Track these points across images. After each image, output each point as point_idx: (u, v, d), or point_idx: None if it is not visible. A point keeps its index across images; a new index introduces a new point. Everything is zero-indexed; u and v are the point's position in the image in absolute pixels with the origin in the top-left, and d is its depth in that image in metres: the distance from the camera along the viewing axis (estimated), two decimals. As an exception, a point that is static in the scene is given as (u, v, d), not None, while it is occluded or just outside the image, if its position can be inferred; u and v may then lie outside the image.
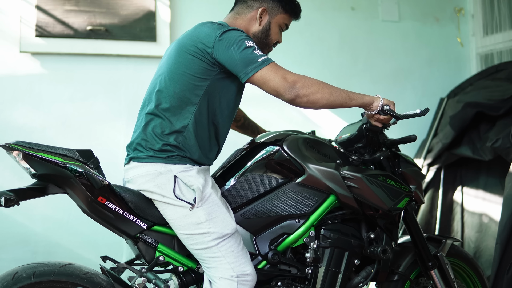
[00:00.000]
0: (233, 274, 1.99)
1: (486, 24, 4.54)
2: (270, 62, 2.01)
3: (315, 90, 2.01)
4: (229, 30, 2.04)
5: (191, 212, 1.99)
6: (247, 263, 2.03)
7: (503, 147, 3.38)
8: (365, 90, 4.25)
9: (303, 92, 2.00)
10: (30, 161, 1.88)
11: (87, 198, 1.92)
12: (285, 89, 1.99)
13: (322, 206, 2.19)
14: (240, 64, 1.99)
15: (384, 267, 2.29)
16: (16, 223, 3.54)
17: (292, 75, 2.00)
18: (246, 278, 2.00)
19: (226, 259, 2.00)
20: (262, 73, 1.99)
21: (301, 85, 2.00)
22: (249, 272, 2.01)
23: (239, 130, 2.73)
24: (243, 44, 2.00)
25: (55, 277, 1.88)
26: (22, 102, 3.65)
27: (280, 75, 1.99)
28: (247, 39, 2.02)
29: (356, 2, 4.37)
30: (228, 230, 2.02)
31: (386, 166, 2.33)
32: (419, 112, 2.15)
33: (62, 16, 3.68)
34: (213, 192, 2.06)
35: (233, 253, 2.01)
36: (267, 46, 2.27)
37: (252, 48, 2.00)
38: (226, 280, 1.98)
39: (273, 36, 2.26)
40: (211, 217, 2.01)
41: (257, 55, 1.99)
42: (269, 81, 1.99)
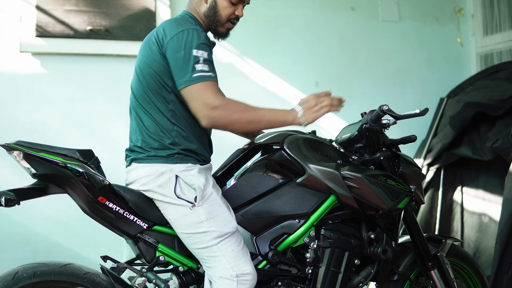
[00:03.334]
0: (233, 273, 1.99)
1: (486, 24, 4.54)
2: (203, 81, 1.96)
3: (233, 120, 1.97)
4: (186, 30, 2.01)
5: (192, 211, 1.99)
6: (247, 263, 2.03)
7: (503, 147, 3.39)
8: (365, 90, 4.31)
9: (222, 122, 1.97)
10: (31, 161, 1.88)
11: (88, 198, 1.92)
12: (202, 115, 1.96)
13: (323, 206, 2.20)
14: (178, 73, 1.98)
15: (384, 267, 2.29)
16: (16, 223, 3.54)
17: (216, 101, 1.94)
18: (246, 277, 2.00)
19: (226, 258, 2.00)
20: (190, 90, 1.96)
21: (219, 115, 1.95)
22: (249, 271, 2.01)
23: (240, 134, 2.72)
24: (191, 52, 1.97)
25: (55, 277, 1.88)
26: (22, 102, 3.65)
27: (204, 99, 1.94)
28: (199, 48, 1.98)
29: (356, 2, 4.37)
30: (228, 229, 2.02)
31: (386, 166, 2.33)
32: (419, 112, 2.15)
33: (62, 16, 3.68)
34: (214, 191, 2.06)
35: (233, 252, 2.01)
36: (220, 23, 2.17)
37: (197, 60, 1.96)
38: (226, 280, 1.98)
39: (222, 12, 2.14)
40: (212, 216, 2.01)
41: (195, 69, 1.95)
42: (193, 100, 1.97)
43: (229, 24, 2.20)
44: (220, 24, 2.18)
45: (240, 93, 3.95)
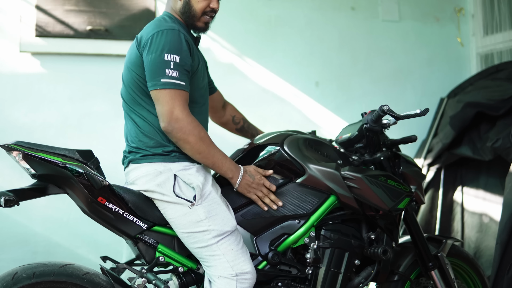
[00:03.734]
0: (232, 272, 1.99)
1: (486, 24, 4.54)
2: (171, 88, 1.97)
3: (187, 141, 1.98)
4: (161, 31, 2.03)
5: (191, 210, 1.99)
6: (247, 262, 2.03)
7: (503, 147, 3.38)
8: (365, 90, 4.31)
9: (177, 135, 1.98)
10: (30, 161, 1.88)
11: (87, 199, 1.92)
12: (164, 120, 1.97)
13: (323, 206, 2.19)
14: (149, 75, 2.01)
15: (384, 267, 2.29)
16: (16, 223, 3.54)
17: (181, 115, 1.96)
18: (245, 276, 2.01)
19: (226, 257, 2.00)
20: (158, 94, 1.99)
21: (179, 127, 1.96)
22: (248, 270, 2.02)
23: (238, 133, 2.73)
24: (162, 55, 1.98)
25: (55, 277, 1.88)
26: (22, 102, 3.65)
27: (169, 107, 1.96)
28: (171, 52, 1.99)
29: (356, 2, 4.37)
30: (227, 228, 2.02)
31: (386, 166, 2.33)
32: (419, 112, 2.15)
33: (62, 16, 3.68)
34: (213, 190, 2.07)
35: (232, 251, 2.01)
36: (196, 17, 2.18)
37: (167, 65, 1.97)
38: (225, 279, 1.99)
39: (196, 5, 2.15)
40: (211, 214, 2.01)
41: (164, 74, 1.97)
42: (159, 104, 1.99)
43: (205, 18, 2.21)
44: (196, 19, 2.19)
45: (240, 93, 3.97)
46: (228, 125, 2.69)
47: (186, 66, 2.02)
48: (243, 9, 4.09)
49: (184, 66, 2.01)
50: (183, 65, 2.01)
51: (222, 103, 2.65)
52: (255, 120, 2.78)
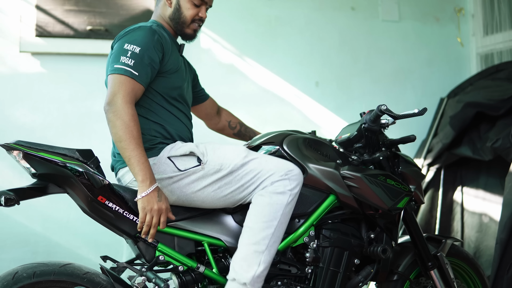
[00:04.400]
0: (282, 173, 2.07)
1: (486, 24, 4.54)
2: (120, 74, 2.00)
3: (114, 124, 1.96)
4: (136, 28, 2.11)
5: (206, 170, 2.05)
6: (287, 162, 2.13)
7: (503, 147, 3.38)
8: (365, 90, 4.31)
9: (108, 116, 1.98)
10: (30, 160, 1.89)
11: (87, 198, 1.92)
12: (105, 101, 2.00)
13: (322, 205, 2.20)
14: (111, 61, 2.07)
15: (384, 266, 2.29)
16: (16, 223, 3.54)
17: (119, 99, 1.96)
18: (293, 173, 2.10)
19: (266, 166, 2.08)
20: (109, 78, 2.04)
21: (113, 110, 1.96)
22: (293, 167, 2.11)
23: (236, 137, 2.75)
24: (123, 44, 2.05)
25: (55, 276, 1.88)
26: (22, 102, 3.65)
27: (113, 90, 1.99)
28: (132, 43, 2.04)
29: (356, 2, 4.37)
30: (242, 153, 2.10)
31: (385, 166, 2.33)
32: (417, 111, 2.15)
33: (62, 16, 3.68)
34: (206, 144, 2.13)
35: (268, 160, 2.10)
36: (185, 25, 2.26)
37: (125, 53, 2.03)
38: (278, 182, 2.06)
39: (186, 13, 2.24)
40: (221, 156, 2.07)
41: (118, 60, 2.02)
42: (108, 88, 2.02)
43: (194, 25, 2.28)
44: (185, 25, 2.26)
45: (240, 93, 3.98)
46: (225, 131, 2.73)
47: (148, 59, 2.05)
48: (243, 9, 4.09)
49: (144, 59, 2.04)
50: (142, 57, 2.03)
51: (215, 109, 2.68)
52: (255, 120, 2.79)
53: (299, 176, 2.11)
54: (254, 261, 1.99)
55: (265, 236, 2.01)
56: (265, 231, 2.01)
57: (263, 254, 2.00)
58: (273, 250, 2.04)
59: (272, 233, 2.03)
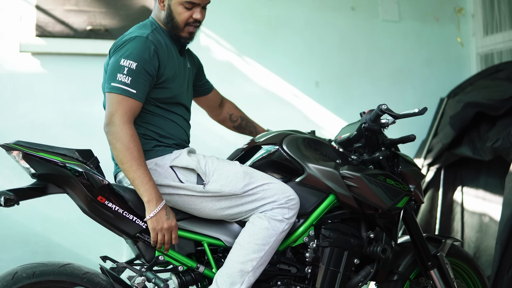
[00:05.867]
0: (282, 201, 2.07)
1: (486, 24, 4.54)
2: (118, 93, 1.99)
3: (115, 147, 1.97)
4: (130, 39, 2.07)
5: (206, 189, 2.04)
6: (288, 189, 2.11)
7: (503, 147, 3.38)
8: (365, 90, 4.31)
9: (109, 138, 2.00)
10: (30, 160, 1.89)
11: (87, 198, 1.92)
12: (104, 122, 2.01)
13: (322, 205, 2.20)
14: (106, 77, 2.06)
15: (383, 266, 2.29)
16: (16, 223, 3.54)
17: (117, 119, 1.97)
18: (293, 202, 2.10)
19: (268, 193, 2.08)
20: (107, 96, 2.03)
21: (112, 131, 1.98)
22: (294, 196, 2.11)
23: (236, 130, 2.72)
24: (119, 60, 2.02)
25: (54, 277, 1.89)
26: (22, 102, 3.65)
27: (111, 110, 1.99)
28: (128, 58, 2.02)
29: (356, 2, 4.37)
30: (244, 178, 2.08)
31: (385, 165, 2.33)
32: (417, 111, 2.15)
33: (62, 16, 3.68)
34: (208, 160, 2.10)
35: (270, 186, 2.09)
36: (179, 29, 2.18)
37: (121, 69, 2.00)
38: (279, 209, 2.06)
39: (178, 17, 2.16)
40: (222, 179, 2.06)
41: (115, 78, 2.00)
42: (108, 106, 2.01)
43: (189, 28, 2.20)
44: (179, 30, 2.20)
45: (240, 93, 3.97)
46: (225, 123, 2.71)
47: (145, 74, 2.03)
48: (243, 9, 4.09)
49: (141, 74, 2.02)
50: (139, 73, 2.01)
51: (219, 102, 2.66)
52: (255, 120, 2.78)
53: (297, 205, 2.12)
54: (237, 279, 1.99)
55: (254, 258, 2.02)
56: (255, 254, 2.02)
57: (248, 275, 2.01)
58: (258, 272, 2.04)
59: (261, 257, 2.03)
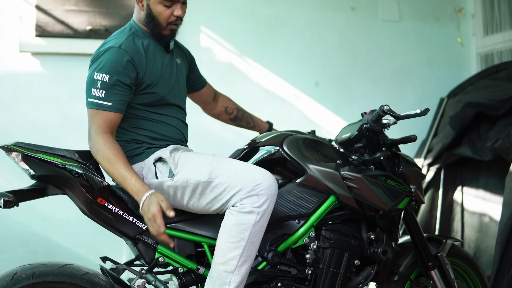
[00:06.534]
0: (248, 188, 1.94)
1: (486, 24, 4.53)
2: (93, 108, 2.04)
3: (97, 159, 2.01)
4: (104, 50, 2.07)
5: (174, 182, 2.00)
6: (257, 174, 1.98)
7: (503, 147, 3.38)
8: (365, 90, 4.31)
9: (92, 153, 2.03)
10: (29, 162, 1.89)
11: (87, 199, 1.92)
12: (88, 139, 2.05)
13: (322, 206, 2.19)
14: (85, 91, 2.09)
15: (384, 267, 2.29)
16: (16, 223, 3.54)
17: (93, 133, 2.02)
18: (262, 186, 1.95)
19: (233, 181, 1.96)
20: (87, 112, 2.08)
21: (91, 146, 2.03)
22: (261, 180, 1.96)
23: (233, 123, 2.70)
24: (93, 74, 2.05)
25: (54, 277, 1.88)
26: (22, 102, 3.65)
27: (89, 126, 2.05)
28: (101, 71, 2.02)
29: (356, 2, 4.37)
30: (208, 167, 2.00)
31: (386, 166, 2.32)
32: (419, 112, 2.14)
33: (62, 16, 3.68)
34: (182, 153, 2.09)
35: (236, 174, 1.98)
36: (161, 27, 2.16)
37: (95, 84, 2.03)
38: (247, 199, 1.94)
39: (159, 16, 2.13)
40: (188, 170, 2.01)
41: (90, 94, 2.04)
42: (87, 122, 2.07)
43: (171, 26, 2.18)
44: (162, 28, 2.17)
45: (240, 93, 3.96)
46: (221, 116, 2.68)
47: (119, 86, 2.03)
48: (243, 9, 4.09)
49: (115, 86, 2.02)
50: (112, 85, 2.02)
51: (212, 96, 2.64)
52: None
53: (269, 189, 1.96)
54: (224, 280, 1.95)
55: (233, 256, 1.95)
56: (232, 252, 1.95)
57: (233, 274, 1.95)
58: (244, 269, 1.97)
59: (240, 254, 1.95)
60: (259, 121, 2.71)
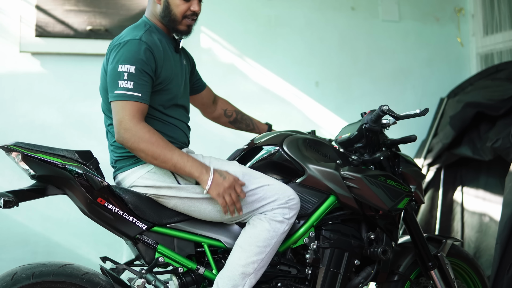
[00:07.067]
0: (283, 201, 2.06)
1: (486, 24, 4.53)
2: (123, 100, 1.97)
3: (140, 148, 1.95)
4: (123, 43, 2.03)
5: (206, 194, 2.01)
6: (288, 189, 2.11)
7: (503, 147, 3.38)
8: (365, 90, 4.31)
9: (128, 145, 1.97)
10: (29, 162, 1.88)
11: (87, 199, 1.92)
12: (116, 131, 1.98)
13: (322, 206, 2.19)
14: (108, 86, 2.03)
15: (384, 267, 2.29)
16: (16, 223, 3.54)
17: (127, 123, 1.95)
18: (294, 201, 2.09)
19: (269, 192, 2.07)
20: (113, 105, 2.00)
21: (129, 137, 1.95)
22: (294, 195, 2.10)
23: (232, 126, 2.70)
24: (117, 66, 2.00)
25: (54, 277, 1.88)
26: (22, 102, 3.65)
27: (120, 117, 1.96)
28: (126, 63, 1.99)
29: (356, 2, 4.37)
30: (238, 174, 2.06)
31: (386, 166, 2.32)
32: (419, 112, 2.14)
33: (62, 16, 3.68)
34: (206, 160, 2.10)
35: (270, 186, 2.08)
36: (177, 21, 2.16)
37: (121, 76, 1.98)
38: (280, 209, 2.06)
39: (175, 9, 2.14)
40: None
41: (117, 86, 1.98)
42: (114, 115, 1.99)
43: (187, 21, 2.19)
44: (177, 23, 2.17)
45: (240, 93, 3.97)
46: (220, 119, 2.68)
47: (145, 76, 2.01)
48: (243, 9, 4.09)
49: (141, 76, 2.00)
50: (139, 76, 1.99)
51: (212, 99, 2.64)
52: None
53: (298, 205, 2.10)
54: (239, 282, 1.99)
55: (255, 260, 2.01)
56: (256, 256, 2.01)
57: (249, 277, 2.00)
58: (259, 274, 2.04)
59: (262, 259, 2.03)
60: (258, 123, 2.71)
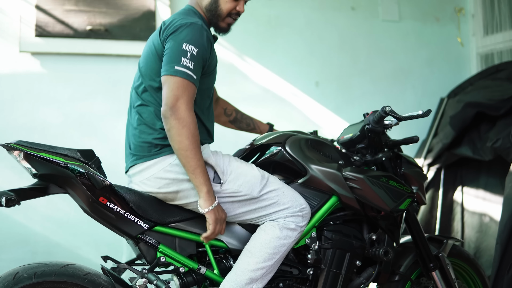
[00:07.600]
0: (297, 209, 2.08)
1: (486, 24, 4.54)
2: (183, 78, 1.93)
3: (180, 132, 1.90)
4: (185, 24, 2.00)
5: (222, 189, 2.02)
6: (301, 197, 2.13)
7: (503, 147, 3.38)
8: (365, 90, 4.31)
9: (173, 122, 1.90)
10: (31, 161, 1.88)
11: (88, 199, 1.91)
12: (167, 104, 1.92)
13: (324, 207, 2.19)
14: (165, 60, 1.98)
15: (385, 268, 2.29)
16: (16, 223, 3.54)
17: (183, 105, 1.90)
18: (306, 210, 2.12)
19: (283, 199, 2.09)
20: (168, 79, 1.94)
21: (178, 116, 1.90)
22: (306, 204, 2.13)
23: (232, 125, 2.70)
24: (181, 44, 1.95)
25: (56, 277, 1.88)
26: (22, 101, 3.64)
27: (176, 94, 1.91)
28: (190, 43, 1.96)
29: (356, 2, 4.37)
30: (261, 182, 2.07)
31: (388, 167, 2.32)
32: (421, 113, 2.14)
33: (62, 16, 3.67)
34: (225, 159, 2.09)
35: (284, 193, 2.09)
36: (220, 17, 2.16)
37: (185, 53, 1.94)
38: (293, 217, 2.07)
39: (223, 5, 2.14)
40: (240, 181, 2.05)
41: (179, 62, 1.93)
42: (167, 89, 1.93)
43: (229, 19, 2.19)
44: (221, 19, 2.17)
45: (240, 93, 3.97)
46: (220, 118, 2.68)
47: (202, 61, 2.00)
48: (243, 9, 4.08)
49: (200, 61, 1.98)
50: (199, 60, 1.98)
51: (215, 98, 2.63)
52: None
53: (309, 214, 2.13)
54: (246, 287, 1.99)
55: (264, 266, 2.01)
56: (266, 262, 2.02)
57: (256, 282, 2.01)
58: (266, 279, 2.05)
59: (271, 265, 2.03)
60: (259, 123, 2.71)
